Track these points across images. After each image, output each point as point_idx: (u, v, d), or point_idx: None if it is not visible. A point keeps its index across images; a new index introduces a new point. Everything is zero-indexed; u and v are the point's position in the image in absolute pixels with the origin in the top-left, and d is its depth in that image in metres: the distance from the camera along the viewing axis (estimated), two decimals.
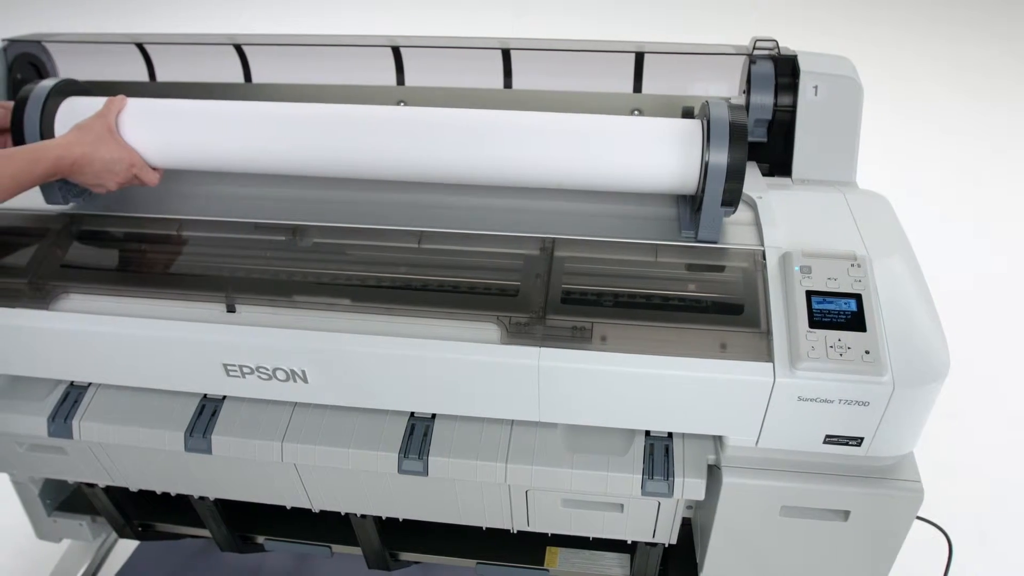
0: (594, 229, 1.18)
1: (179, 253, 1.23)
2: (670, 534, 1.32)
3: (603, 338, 1.07)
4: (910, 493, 1.10)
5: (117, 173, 1.17)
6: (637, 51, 1.41)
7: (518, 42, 1.44)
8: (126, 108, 1.21)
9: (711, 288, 1.12)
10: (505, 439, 1.18)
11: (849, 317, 1.03)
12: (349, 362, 1.10)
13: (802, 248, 1.10)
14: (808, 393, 1.01)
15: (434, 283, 1.15)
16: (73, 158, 1.12)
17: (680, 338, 1.06)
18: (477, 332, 1.08)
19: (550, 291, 1.11)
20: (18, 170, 1.05)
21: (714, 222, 1.13)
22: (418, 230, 1.19)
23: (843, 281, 1.06)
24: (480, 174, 1.17)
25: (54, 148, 1.11)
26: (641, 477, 1.14)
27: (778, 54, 1.31)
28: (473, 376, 1.09)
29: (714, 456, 1.15)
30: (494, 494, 1.27)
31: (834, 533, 1.16)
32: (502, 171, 1.16)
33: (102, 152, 1.14)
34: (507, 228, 1.18)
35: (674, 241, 1.16)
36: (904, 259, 1.11)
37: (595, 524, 1.32)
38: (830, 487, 1.11)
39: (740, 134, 1.08)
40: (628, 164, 1.13)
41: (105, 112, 1.18)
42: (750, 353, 1.04)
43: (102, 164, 1.15)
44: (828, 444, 1.07)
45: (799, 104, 1.28)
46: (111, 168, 1.16)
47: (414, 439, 1.19)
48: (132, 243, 1.26)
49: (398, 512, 1.37)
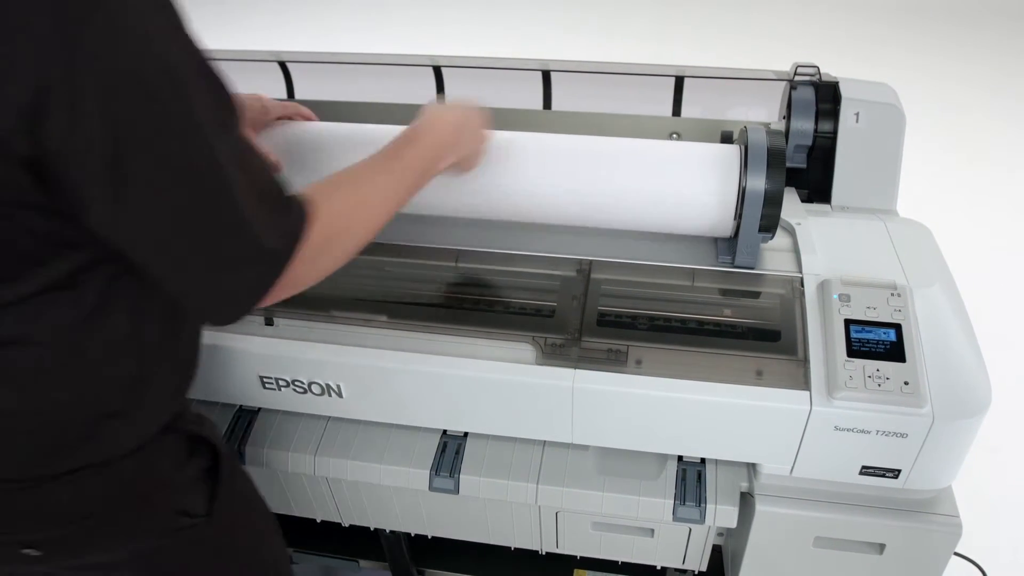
0: (631, 252, 1.18)
1: None
2: (700, 561, 1.30)
3: (638, 361, 1.06)
4: (948, 528, 1.08)
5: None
6: (677, 75, 1.41)
7: (558, 63, 1.45)
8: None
9: (748, 314, 1.12)
10: (537, 460, 1.18)
11: (888, 347, 1.01)
12: (384, 378, 1.11)
13: (841, 276, 1.09)
14: (845, 423, 1.00)
15: (470, 302, 1.16)
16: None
17: (716, 363, 1.05)
18: (512, 352, 1.09)
19: (586, 313, 1.11)
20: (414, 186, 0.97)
21: (751, 248, 1.12)
22: (456, 248, 1.20)
23: (882, 310, 1.04)
24: (506, 208, 1.17)
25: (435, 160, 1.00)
26: (673, 502, 1.13)
27: (819, 80, 1.31)
28: (507, 396, 1.09)
29: (747, 483, 1.14)
30: (524, 514, 1.27)
31: (868, 566, 1.15)
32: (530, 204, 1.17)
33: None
34: (544, 249, 1.19)
35: (711, 266, 1.15)
36: (945, 289, 1.09)
37: (625, 548, 1.31)
38: (865, 519, 1.09)
39: (778, 160, 1.07)
40: (663, 191, 1.13)
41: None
42: (787, 381, 1.03)
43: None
44: (864, 475, 1.05)
45: (840, 131, 1.27)
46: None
47: (446, 457, 1.19)
48: None
49: (427, 529, 1.37)
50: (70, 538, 0.85)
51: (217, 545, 0.98)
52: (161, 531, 0.91)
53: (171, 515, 0.92)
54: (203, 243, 0.72)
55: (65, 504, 0.83)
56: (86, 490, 0.84)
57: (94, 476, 0.83)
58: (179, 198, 0.68)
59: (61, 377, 0.78)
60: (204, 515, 0.94)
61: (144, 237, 0.70)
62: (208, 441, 0.96)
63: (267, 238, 0.73)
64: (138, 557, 0.91)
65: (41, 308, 0.74)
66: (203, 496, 0.95)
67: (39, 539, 0.84)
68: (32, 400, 0.78)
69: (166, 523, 0.91)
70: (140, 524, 0.90)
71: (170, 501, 0.92)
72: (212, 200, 0.70)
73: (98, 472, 0.83)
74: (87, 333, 0.78)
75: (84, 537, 0.86)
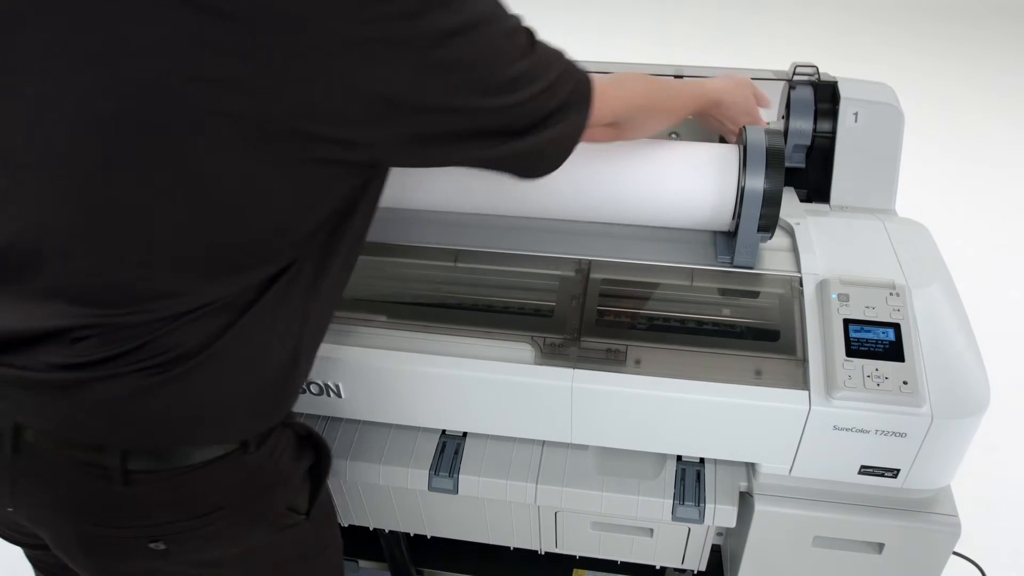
0: (630, 252, 1.18)
1: None
2: (699, 561, 1.30)
3: (637, 361, 1.06)
4: (946, 527, 1.08)
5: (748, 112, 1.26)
6: (676, 74, 1.41)
7: None
8: None
9: (747, 313, 1.12)
10: (536, 459, 1.18)
11: (887, 347, 1.02)
12: (382, 378, 1.11)
13: (840, 276, 1.09)
14: (844, 422, 1.00)
15: (469, 301, 1.15)
16: (718, 98, 1.21)
17: (715, 363, 1.05)
18: (511, 352, 1.09)
19: (585, 313, 1.11)
20: (687, 101, 1.16)
21: (750, 248, 1.12)
22: (455, 248, 1.20)
23: (881, 310, 1.04)
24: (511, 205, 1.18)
25: (712, 89, 1.20)
26: (672, 502, 1.13)
27: (818, 80, 1.31)
28: (506, 395, 1.09)
29: (746, 483, 1.14)
30: (523, 514, 1.27)
31: (868, 566, 1.15)
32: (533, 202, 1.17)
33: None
34: (543, 248, 1.19)
35: (710, 265, 1.16)
36: (944, 289, 1.09)
37: (624, 548, 1.31)
38: (864, 519, 1.10)
39: (777, 159, 1.07)
40: (663, 189, 1.14)
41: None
42: (786, 380, 1.03)
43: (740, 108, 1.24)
44: (863, 475, 1.06)
45: (839, 130, 1.27)
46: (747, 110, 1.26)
47: (445, 457, 1.19)
48: None
49: (426, 529, 1.37)
50: (198, 531, 0.86)
51: (306, 547, 1.00)
52: (273, 527, 0.93)
53: (283, 512, 0.94)
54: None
55: (200, 495, 0.85)
56: (220, 480, 0.86)
57: (229, 466, 0.85)
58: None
59: (242, 360, 0.81)
60: (304, 515, 0.96)
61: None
62: (314, 439, 0.98)
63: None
64: (247, 554, 0.92)
65: (251, 297, 0.79)
66: (305, 495, 0.97)
67: (170, 532, 0.85)
68: (209, 387, 0.81)
69: (279, 519, 0.94)
70: (261, 518, 0.91)
71: (287, 497, 0.94)
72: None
73: (233, 462, 0.86)
74: (272, 319, 0.82)
75: (211, 530, 0.87)
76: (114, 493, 0.81)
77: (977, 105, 4.16)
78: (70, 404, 0.78)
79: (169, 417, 0.80)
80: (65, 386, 0.77)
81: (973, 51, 4.84)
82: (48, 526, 0.86)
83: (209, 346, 0.78)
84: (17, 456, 0.82)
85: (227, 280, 0.77)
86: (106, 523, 0.83)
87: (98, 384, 0.77)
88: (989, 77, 4.48)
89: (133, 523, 0.83)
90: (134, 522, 0.83)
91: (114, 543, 0.85)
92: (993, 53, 4.81)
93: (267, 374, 0.85)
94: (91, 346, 0.76)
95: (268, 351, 0.84)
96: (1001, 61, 4.70)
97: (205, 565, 0.90)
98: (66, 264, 0.74)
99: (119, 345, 0.76)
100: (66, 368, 0.76)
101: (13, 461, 0.82)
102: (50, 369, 0.77)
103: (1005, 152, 3.72)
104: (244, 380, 0.83)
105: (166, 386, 0.78)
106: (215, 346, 0.78)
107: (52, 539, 0.87)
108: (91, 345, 0.76)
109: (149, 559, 0.86)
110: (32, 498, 0.84)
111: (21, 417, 0.81)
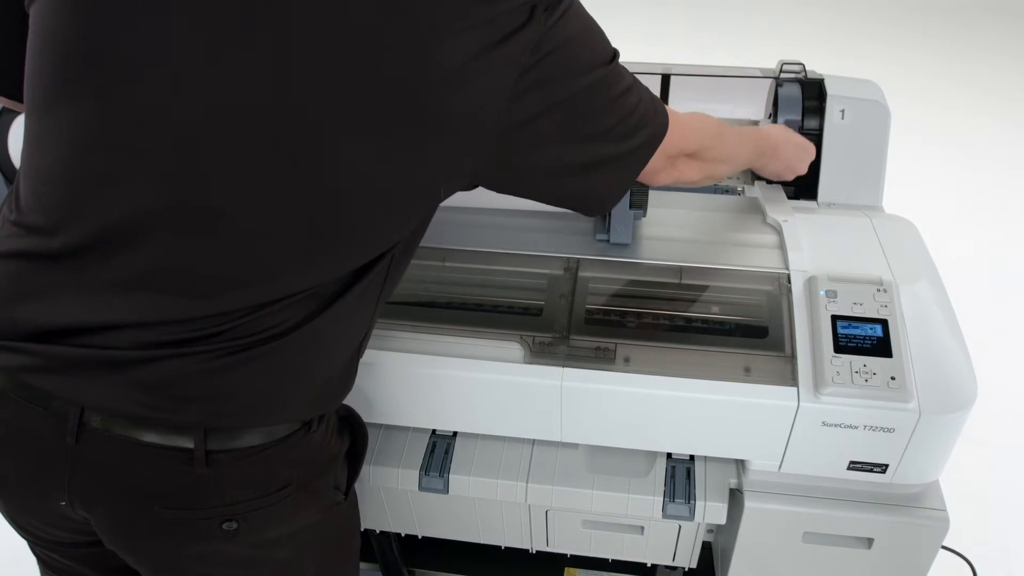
0: (616, 250, 1.18)
1: None
2: (690, 558, 1.31)
3: (626, 359, 1.06)
4: (935, 522, 1.09)
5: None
6: (664, 72, 1.42)
7: None
8: None
9: (735, 311, 1.12)
10: (526, 458, 1.18)
11: (875, 342, 1.02)
12: (372, 377, 1.11)
13: (827, 272, 1.09)
14: (832, 418, 1.01)
15: (458, 301, 1.15)
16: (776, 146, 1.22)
17: (704, 360, 1.06)
18: (500, 351, 1.08)
19: (574, 311, 1.11)
20: (754, 152, 1.19)
21: (625, 225, 1.15)
22: (443, 248, 1.20)
23: (869, 306, 1.05)
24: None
25: (772, 136, 1.22)
26: (662, 500, 1.13)
27: (805, 77, 1.31)
28: (495, 394, 1.09)
29: (736, 480, 1.14)
30: (514, 513, 1.27)
31: (857, 561, 1.15)
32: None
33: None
34: (531, 247, 1.19)
35: (698, 263, 1.16)
36: (931, 285, 1.10)
37: (615, 546, 1.31)
38: (854, 514, 1.10)
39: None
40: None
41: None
42: (774, 377, 1.03)
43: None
44: (852, 470, 1.06)
45: (826, 128, 1.27)
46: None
47: (435, 456, 1.19)
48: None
49: (417, 529, 1.37)
50: (268, 509, 0.87)
51: (343, 529, 1.03)
52: (323, 505, 0.95)
53: (332, 490, 0.96)
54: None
55: (272, 472, 0.87)
56: (290, 458, 0.88)
57: (296, 444, 0.88)
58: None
59: (322, 345, 0.86)
60: (344, 494, 0.99)
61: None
62: (352, 419, 1.01)
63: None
64: (298, 532, 0.93)
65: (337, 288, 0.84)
66: (345, 475, 1.00)
67: (243, 511, 0.86)
68: (297, 369, 0.84)
69: (329, 497, 0.96)
70: (317, 495, 0.94)
71: (337, 475, 0.97)
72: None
73: (299, 440, 0.88)
74: (350, 310, 0.86)
75: (279, 507, 0.88)
76: (194, 475, 0.82)
77: (964, 101, 4.18)
78: (147, 382, 0.79)
79: (247, 396, 0.82)
80: (143, 362, 0.78)
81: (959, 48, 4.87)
82: (110, 514, 0.86)
83: (298, 328, 0.81)
84: (79, 445, 0.81)
85: (327, 270, 0.81)
86: (183, 505, 0.84)
87: (177, 360, 0.78)
88: (976, 73, 4.51)
89: (212, 503, 0.84)
90: (213, 502, 0.84)
91: (188, 525, 0.85)
92: (979, 50, 4.84)
93: (337, 361, 0.90)
94: (172, 329, 0.78)
95: (341, 340, 0.89)
96: (988, 57, 4.73)
97: (262, 545, 0.91)
98: (163, 251, 0.76)
99: (202, 328, 0.78)
100: (145, 347, 0.78)
101: (75, 451, 0.82)
102: (130, 347, 0.78)
103: (991, 148, 3.74)
104: (320, 365, 0.87)
105: (247, 365, 0.80)
106: (303, 328, 0.81)
107: (112, 527, 0.87)
108: (171, 329, 0.78)
109: (218, 540, 0.87)
110: (94, 486, 0.84)
111: (90, 399, 0.80)
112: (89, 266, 0.78)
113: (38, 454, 0.84)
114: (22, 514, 0.93)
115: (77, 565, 1.01)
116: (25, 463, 0.86)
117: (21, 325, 0.80)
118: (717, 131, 1.06)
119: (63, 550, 0.98)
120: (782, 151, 1.22)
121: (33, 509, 0.91)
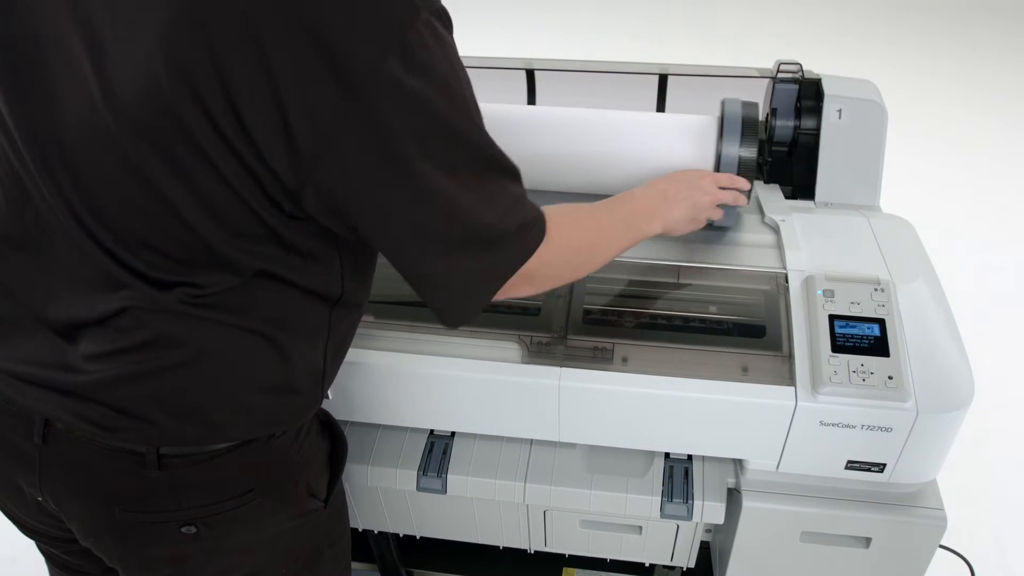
0: None
1: None
2: (688, 557, 1.31)
3: (624, 359, 1.07)
4: (933, 521, 1.09)
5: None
6: (661, 72, 1.42)
7: (542, 62, 1.45)
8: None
9: (733, 310, 1.12)
10: (524, 458, 1.18)
11: (872, 342, 1.02)
12: (370, 378, 1.11)
13: (825, 272, 1.09)
14: (830, 418, 1.01)
15: None
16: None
17: (701, 360, 1.06)
18: (498, 351, 1.08)
19: (571, 311, 1.11)
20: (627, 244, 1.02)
21: (728, 209, 1.15)
22: None
23: (866, 306, 1.05)
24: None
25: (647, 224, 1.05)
26: (660, 499, 1.13)
27: (802, 77, 1.31)
28: (493, 395, 1.09)
29: (734, 480, 1.15)
30: (512, 513, 1.27)
31: (855, 560, 1.15)
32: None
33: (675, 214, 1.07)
34: None
35: (696, 263, 1.16)
36: (928, 284, 1.10)
37: (613, 546, 1.31)
38: (851, 513, 1.10)
39: (752, 129, 1.13)
40: (642, 158, 1.18)
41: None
42: (772, 376, 1.03)
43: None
44: (850, 470, 1.06)
45: (823, 127, 1.27)
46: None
47: (433, 456, 1.19)
48: None
49: (416, 529, 1.37)
50: (228, 514, 0.87)
51: (322, 537, 1.01)
52: (295, 513, 0.94)
53: (305, 497, 0.95)
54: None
55: (231, 478, 0.86)
56: (250, 463, 0.87)
57: (258, 450, 0.87)
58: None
59: (271, 350, 0.83)
60: (322, 502, 0.97)
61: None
62: (333, 427, 1.00)
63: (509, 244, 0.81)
64: (271, 539, 0.93)
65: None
66: (324, 482, 0.98)
67: (201, 515, 0.86)
68: (241, 372, 0.82)
69: (301, 505, 0.95)
70: (286, 502, 0.92)
71: (310, 482, 0.95)
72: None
73: (261, 446, 0.87)
74: (303, 308, 0.83)
75: (240, 512, 0.87)
76: (148, 478, 0.82)
77: (960, 101, 4.18)
78: (93, 400, 0.79)
79: (186, 408, 0.81)
80: (85, 384, 0.79)
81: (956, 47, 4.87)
82: (78, 514, 0.87)
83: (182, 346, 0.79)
84: (46, 446, 0.83)
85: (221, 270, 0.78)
86: (140, 508, 0.84)
87: (118, 374, 0.79)
88: (972, 73, 4.51)
89: (167, 507, 0.84)
90: (168, 506, 0.84)
91: (147, 528, 0.86)
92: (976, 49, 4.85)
93: (269, 382, 0.85)
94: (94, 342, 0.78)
95: (251, 361, 0.83)
96: (985, 57, 4.73)
97: (232, 551, 0.91)
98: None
99: (134, 336, 0.78)
100: (89, 360, 0.79)
101: (43, 451, 0.83)
102: (74, 370, 0.79)
103: (988, 148, 3.74)
104: (237, 384, 0.84)
105: (170, 375, 0.79)
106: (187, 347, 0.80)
107: (82, 527, 0.88)
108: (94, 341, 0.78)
109: (180, 544, 0.87)
110: (62, 486, 0.85)
111: (46, 412, 0.82)
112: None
113: (15, 451, 0.86)
114: (18, 507, 0.94)
115: (76, 560, 1.01)
116: (5, 458, 0.87)
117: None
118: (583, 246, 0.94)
119: (62, 545, 0.99)
120: (650, 220, 1.04)
121: (20, 503, 0.92)
